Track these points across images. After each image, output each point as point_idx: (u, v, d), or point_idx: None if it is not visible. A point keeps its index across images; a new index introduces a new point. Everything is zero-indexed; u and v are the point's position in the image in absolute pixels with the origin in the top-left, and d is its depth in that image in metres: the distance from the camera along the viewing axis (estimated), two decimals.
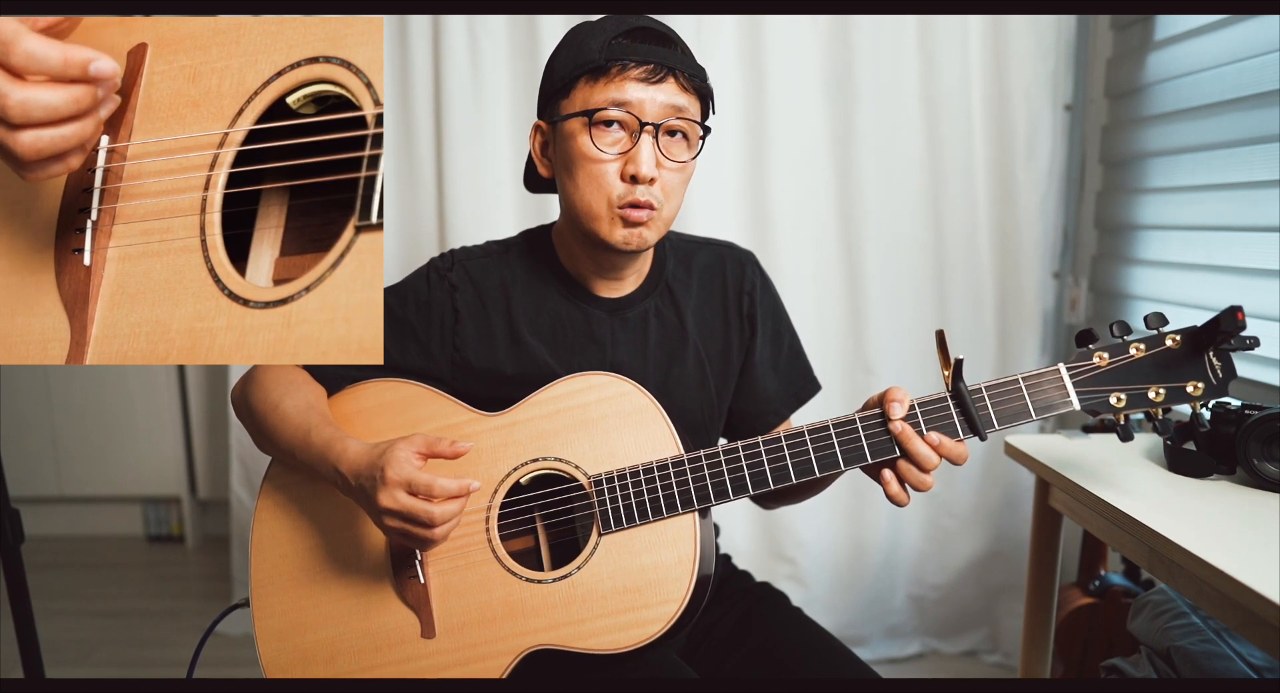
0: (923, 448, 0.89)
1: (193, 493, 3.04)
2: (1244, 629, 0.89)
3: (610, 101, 0.95)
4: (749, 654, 1.06)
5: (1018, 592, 2.12)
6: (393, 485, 0.86)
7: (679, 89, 0.97)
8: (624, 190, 0.97)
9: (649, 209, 0.98)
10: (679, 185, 1.01)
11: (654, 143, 0.96)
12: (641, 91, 0.95)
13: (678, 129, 0.98)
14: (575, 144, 0.98)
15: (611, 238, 0.99)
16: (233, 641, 2.25)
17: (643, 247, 1.00)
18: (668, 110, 0.96)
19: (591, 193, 0.98)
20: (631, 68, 0.95)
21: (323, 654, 0.98)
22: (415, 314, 1.08)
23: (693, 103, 0.99)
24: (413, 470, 0.87)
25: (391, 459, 0.87)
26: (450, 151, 2.07)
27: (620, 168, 0.97)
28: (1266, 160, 1.50)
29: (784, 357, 1.18)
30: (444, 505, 0.87)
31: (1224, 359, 0.87)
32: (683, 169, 1.00)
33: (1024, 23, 1.98)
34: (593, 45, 0.96)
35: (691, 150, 1.00)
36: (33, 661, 1.09)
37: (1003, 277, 2.09)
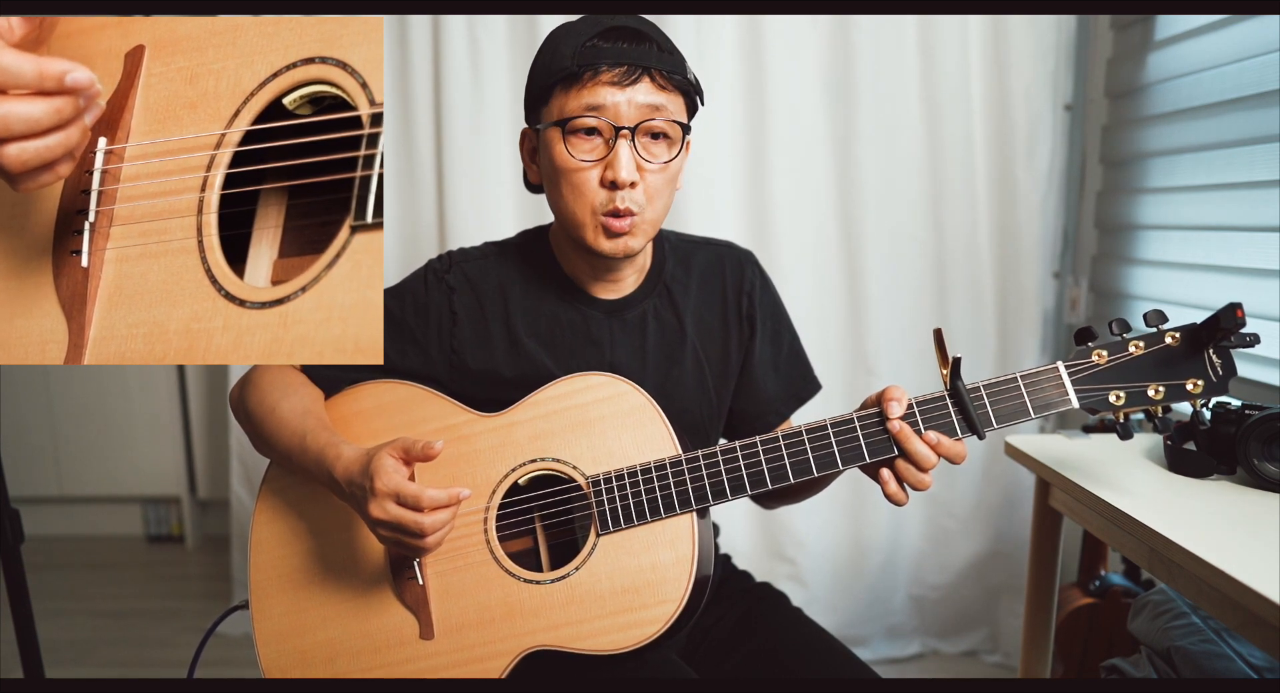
0: (921, 447, 0.88)
1: (193, 493, 3.04)
2: (1244, 629, 0.89)
3: (584, 109, 0.94)
4: (749, 655, 1.06)
5: (1018, 592, 2.12)
6: (381, 496, 0.86)
7: (655, 88, 0.95)
8: (605, 197, 0.96)
9: (630, 216, 0.97)
10: (663, 187, 0.99)
11: (631, 147, 0.95)
12: (615, 95, 0.94)
13: (656, 130, 0.97)
14: (553, 154, 0.97)
15: (598, 246, 0.99)
16: (233, 641, 2.25)
17: (630, 253, 1.00)
18: (644, 111, 0.95)
19: (573, 201, 0.98)
20: (604, 71, 0.93)
21: (322, 656, 0.98)
22: (413, 316, 1.08)
23: (672, 99, 0.97)
24: (400, 481, 0.86)
25: (379, 469, 0.86)
26: (450, 151, 2.07)
27: (600, 174, 0.96)
28: (1266, 160, 1.50)
29: (784, 356, 1.18)
30: (434, 515, 0.86)
31: (1224, 356, 0.86)
32: (665, 170, 0.98)
33: (1024, 23, 1.98)
34: (565, 51, 0.95)
35: (672, 150, 0.98)
36: (33, 661, 1.09)
37: (1003, 276, 2.09)
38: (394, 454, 0.87)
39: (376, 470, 0.86)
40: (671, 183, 1.01)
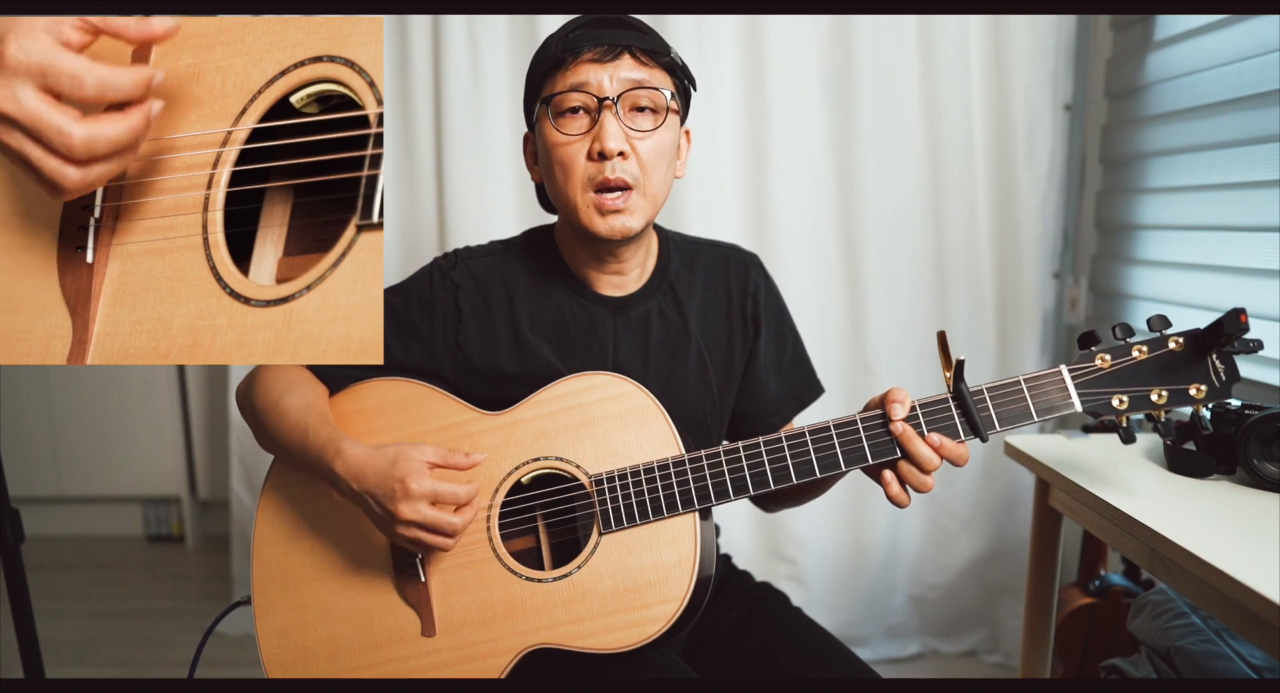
0: (924, 449, 0.89)
1: (193, 493, 3.04)
2: (1244, 629, 0.89)
3: (569, 87, 0.97)
4: (749, 654, 1.06)
5: (1018, 592, 2.12)
6: (416, 498, 0.88)
7: (636, 64, 0.98)
8: (594, 170, 0.97)
9: (622, 189, 0.97)
10: (657, 159, 0.99)
11: (616, 118, 0.97)
12: (597, 72, 0.96)
13: (641, 103, 0.98)
14: (544, 135, 1.00)
15: (594, 227, 0.99)
16: (233, 641, 2.25)
17: (628, 234, 1.00)
18: (626, 84, 0.97)
19: (564, 180, 0.99)
20: (585, 52, 0.96)
21: (324, 652, 0.99)
22: (418, 313, 1.08)
23: (656, 75, 0.99)
24: (435, 483, 0.89)
25: (409, 471, 0.88)
26: (450, 151, 2.07)
27: (588, 148, 0.97)
28: (1266, 160, 1.50)
29: (787, 359, 1.18)
30: (464, 513, 0.91)
31: (1227, 361, 0.86)
32: (654, 138, 0.99)
33: (1024, 23, 1.98)
34: (551, 44, 1.00)
35: (657, 121, 0.99)
36: (33, 661, 1.09)
37: (1003, 277, 2.09)
38: (427, 457, 0.90)
39: (407, 473, 0.88)
40: (666, 157, 1.01)
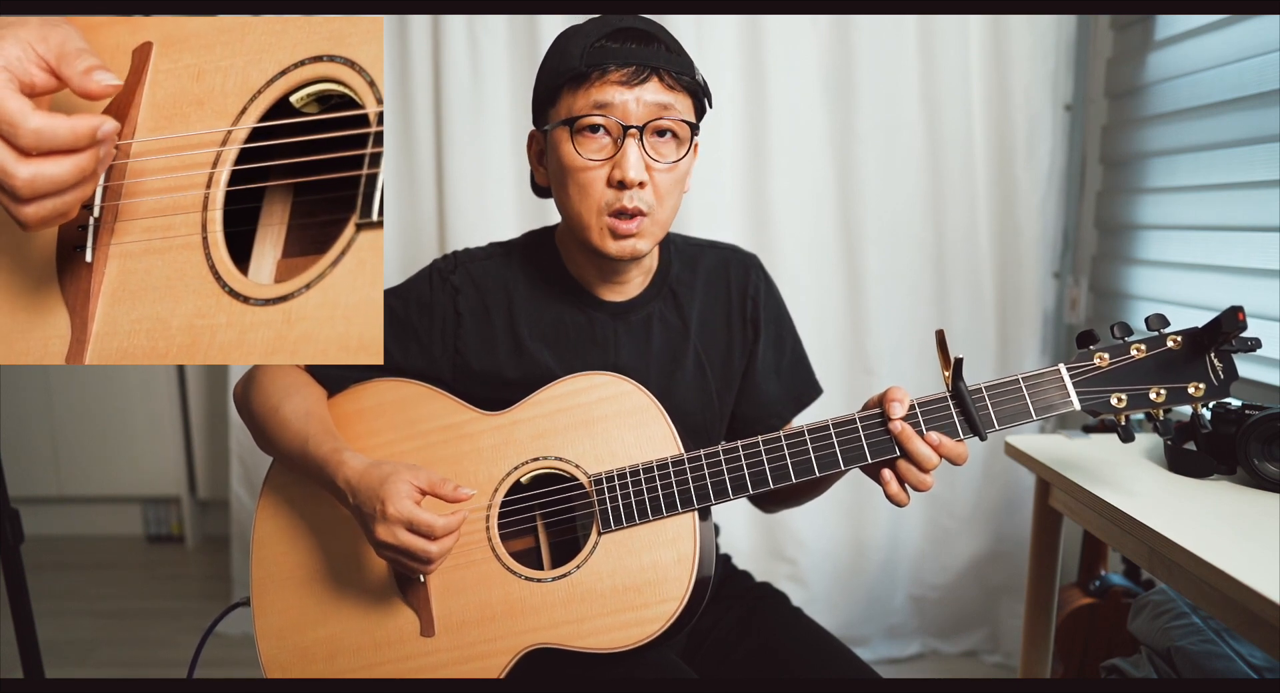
0: (923, 448, 0.88)
1: (192, 493, 3.04)
2: (1244, 629, 0.89)
3: (592, 107, 0.94)
4: (749, 654, 1.06)
5: (1018, 592, 2.12)
6: (393, 522, 0.86)
7: (664, 88, 0.95)
8: (612, 197, 0.96)
9: (638, 217, 0.96)
10: (672, 187, 0.99)
11: (639, 146, 0.95)
12: (623, 94, 0.93)
13: (665, 129, 0.96)
14: (561, 153, 0.97)
15: (604, 248, 0.98)
16: (233, 641, 2.25)
17: (637, 255, 0.99)
18: (652, 110, 0.94)
19: (580, 202, 0.97)
20: (612, 71, 0.93)
21: (322, 652, 0.98)
22: (417, 316, 1.08)
23: (681, 100, 0.97)
24: (413, 510, 0.86)
25: (392, 494, 0.87)
26: (450, 151, 2.07)
27: (607, 174, 0.96)
28: (1266, 160, 1.50)
29: (787, 361, 1.18)
30: (441, 542, 0.88)
31: (1225, 360, 0.86)
32: (673, 170, 0.98)
33: (1024, 23, 1.98)
34: (574, 52, 0.95)
35: (681, 150, 0.98)
36: (33, 661, 1.08)
37: (1003, 277, 2.09)
38: (415, 482, 0.88)
39: (390, 494, 0.87)
40: (680, 184, 1.00)
